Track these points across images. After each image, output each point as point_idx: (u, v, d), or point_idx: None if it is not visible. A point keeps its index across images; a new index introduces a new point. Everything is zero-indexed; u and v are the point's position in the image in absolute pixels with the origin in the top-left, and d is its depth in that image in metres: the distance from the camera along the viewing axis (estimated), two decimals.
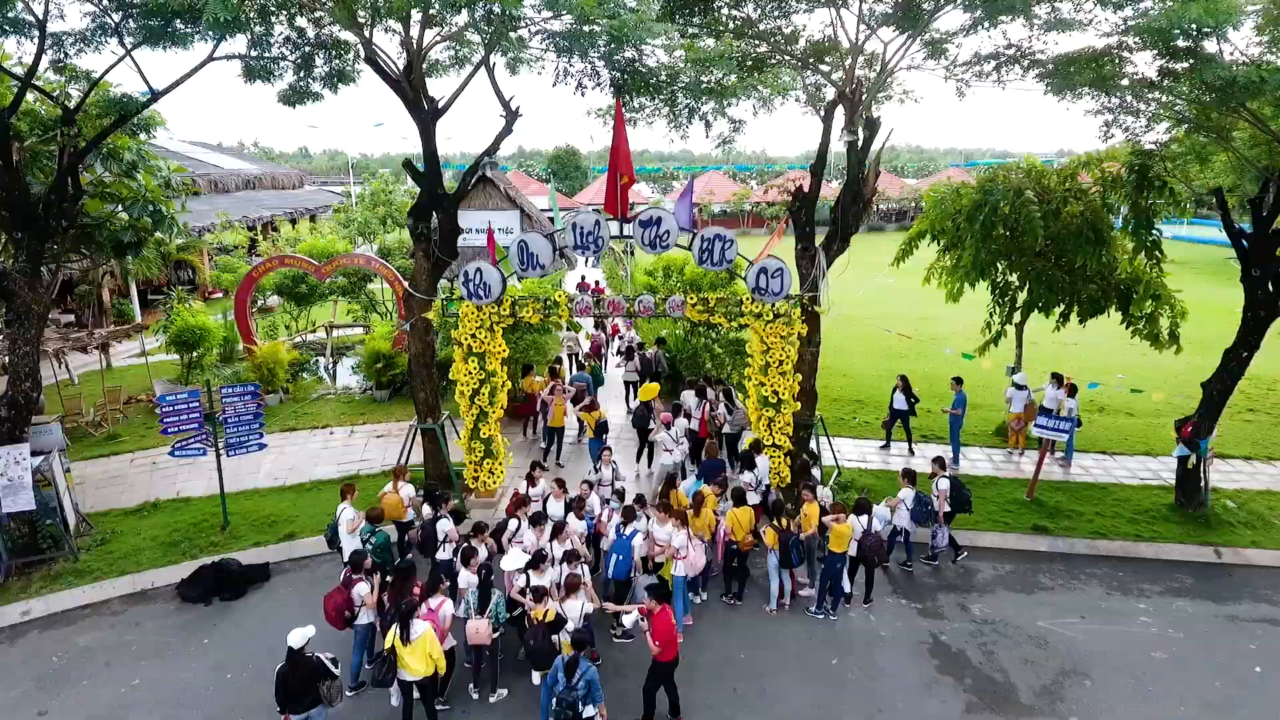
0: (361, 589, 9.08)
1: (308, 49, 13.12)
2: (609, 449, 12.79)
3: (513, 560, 9.58)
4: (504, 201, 25.84)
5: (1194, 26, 9.51)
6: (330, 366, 24.37)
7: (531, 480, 11.62)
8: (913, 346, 23.92)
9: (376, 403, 18.99)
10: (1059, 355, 22.01)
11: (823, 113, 12.78)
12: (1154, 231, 13.64)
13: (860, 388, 20.32)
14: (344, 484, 11.15)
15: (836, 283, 13.33)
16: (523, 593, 9.19)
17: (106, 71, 12.88)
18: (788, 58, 14.12)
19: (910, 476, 11.88)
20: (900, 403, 15.82)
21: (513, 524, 10.42)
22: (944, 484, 11.92)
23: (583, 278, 24.78)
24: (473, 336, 12.71)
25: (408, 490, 11.57)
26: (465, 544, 9.69)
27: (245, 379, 19.26)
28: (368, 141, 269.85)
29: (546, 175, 78.31)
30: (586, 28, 8.08)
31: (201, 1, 8.74)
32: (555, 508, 10.90)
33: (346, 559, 9.53)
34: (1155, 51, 10.65)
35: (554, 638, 8.57)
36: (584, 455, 15.48)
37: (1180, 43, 10.30)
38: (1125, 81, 11.20)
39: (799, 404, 13.06)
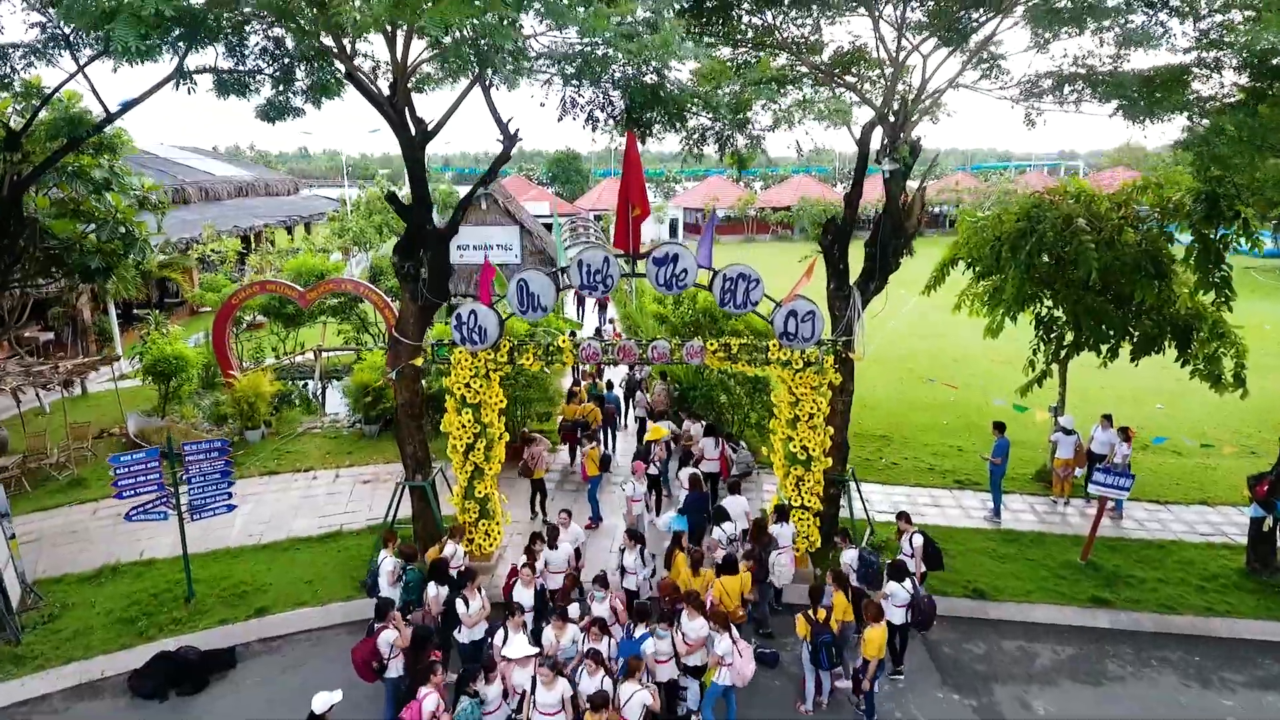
0: (389, 636, 8.49)
1: (286, 60, 11.77)
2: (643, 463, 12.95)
3: (516, 647, 8.26)
4: (502, 216, 24.58)
5: None
6: (319, 392, 23.10)
7: (531, 556, 10.26)
8: (948, 375, 22.60)
9: (365, 438, 17.66)
10: (1086, 384, 20.64)
11: (858, 134, 11.41)
12: (1223, 267, 12.30)
13: (886, 420, 18.97)
14: (385, 531, 10.85)
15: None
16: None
17: (56, 89, 11.56)
18: (815, 71, 12.78)
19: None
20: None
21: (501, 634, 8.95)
22: (918, 540, 10.61)
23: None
24: (466, 386, 11.37)
25: (389, 565, 10.20)
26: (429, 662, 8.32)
27: (224, 412, 17.96)
28: (367, 142, 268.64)
29: (547, 179, 76.94)
30: (599, 50, 6.73)
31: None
32: (524, 595, 9.47)
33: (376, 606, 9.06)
34: (1247, 71, 9.29)
35: None
36: (580, 497, 14.11)
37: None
38: (1210, 104, 9.83)
39: (830, 460, 11.72)
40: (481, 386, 11.44)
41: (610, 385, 17.74)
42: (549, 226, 47.65)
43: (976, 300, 15.66)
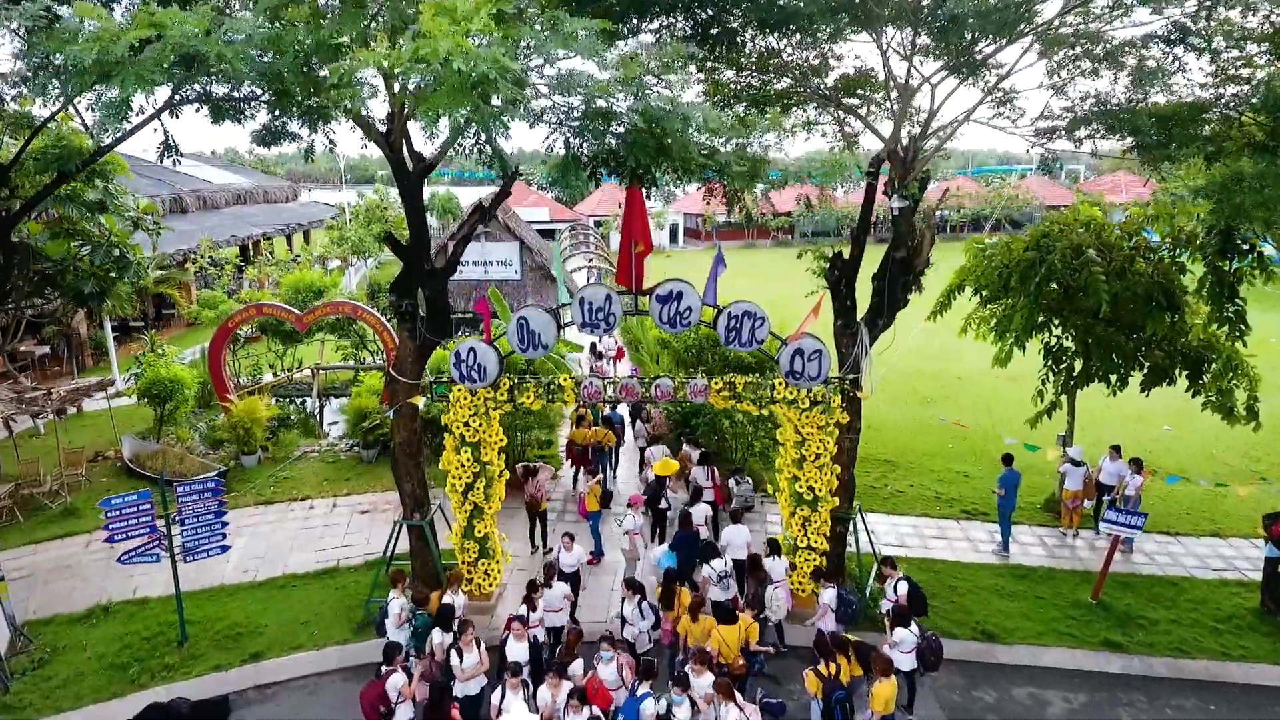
0: (397, 680, 8.48)
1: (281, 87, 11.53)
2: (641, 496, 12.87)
3: (515, 714, 8.05)
4: (502, 232, 24.33)
5: None
6: (316, 411, 22.86)
7: (531, 604, 10.02)
8: (952, 395, 22.38)
9: (363, 463, 17.40)
10: (1092, 404, 20.38)
11: (868, 166, 11.17)
12: (1237, 301, 12.05)
13: (891, 444, 18.71)
14: (394, 571, 10.67)
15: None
16: None
17: (47, 120, 11.29)
18: (820, 96, 12.53)
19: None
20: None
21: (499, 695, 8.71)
22: (904, 587, 10.40)
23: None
24: (465, 424, 11.13)
25: (395, 606, 10.00)
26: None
27: (220, 437, 17.71)
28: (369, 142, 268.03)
29: (546, 183, 76.55)
30: (606, 106, 6.44)
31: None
32: (518, 650, 9.21)
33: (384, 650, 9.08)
34: (1265, 111, 9.03)
35: None
36: (584, 527, 13.84)
37: None
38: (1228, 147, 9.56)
39: (836, 499, 11.48)
40: (481, 425, 11.20)
41: (615, 402, 17.50)
42: (549, 233, 47.49)
43: (983, 324, 15.46)
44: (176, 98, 10.32)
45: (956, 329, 15.78)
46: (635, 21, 11.60)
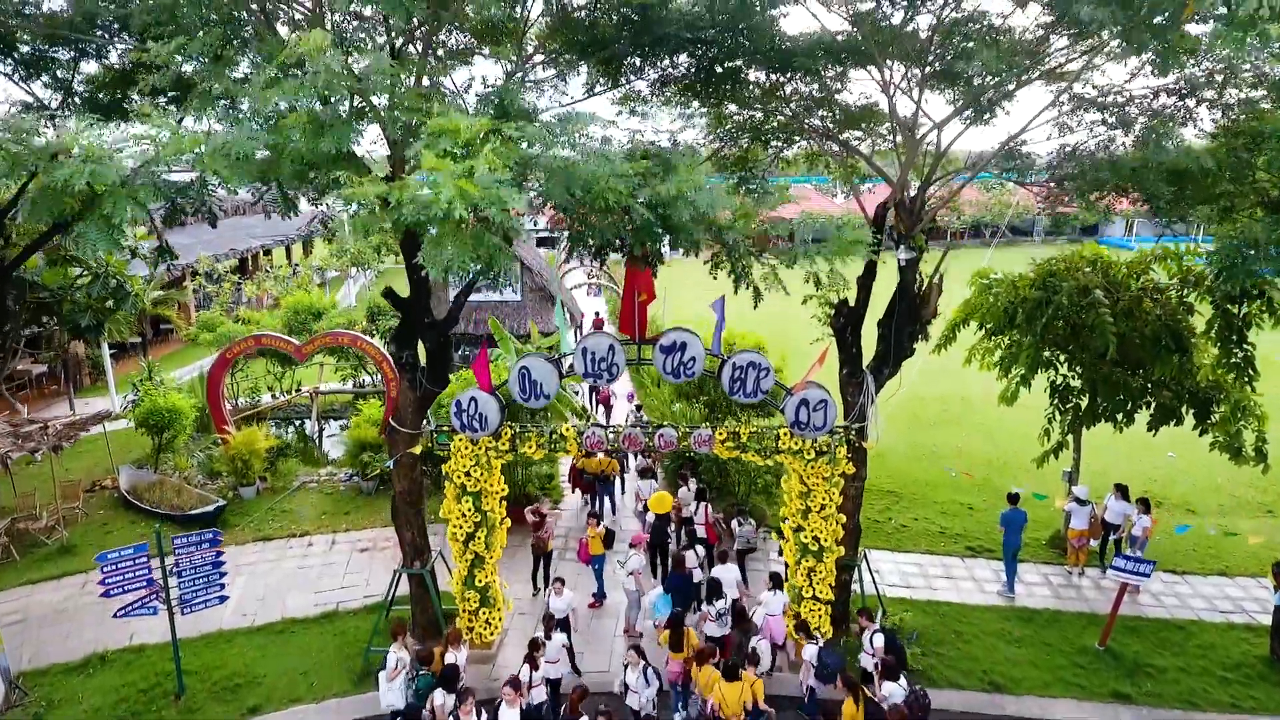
0: None
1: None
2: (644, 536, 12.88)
3: None
4: None
5: None
6: (316, 434, 22.75)
7: (533, 663, 9.88)
8: (954, 419, 22.25)
9: (362, 495, 17.26)
10: (1096, 431, 20.28)
11: (873, 214, 11.04)
12: (1245, 346, 11.93)
13: (894, 472, 18.58)
14: (395, 623, 10.43)
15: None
16: None
17: (44, 162, 11.16)
18: (824, 132, 12.41)
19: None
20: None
21: None
22: (879, 640, 10.22)
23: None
24: (466, 474, 10.99)
25: (392, 660, 9.85)
26: None
27: (218, 469, 17.57)
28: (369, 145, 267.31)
29: None
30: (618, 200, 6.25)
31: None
32: (509, 717, 8.95)
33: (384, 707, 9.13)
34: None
35: None
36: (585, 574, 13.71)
37: None
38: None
39: (842, 548, 11.35)
40: (481, 475, 11.06)
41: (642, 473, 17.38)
42: (548, 241, 47.24)
43: (987, 355, 15.35)
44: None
45: (960, 357, 15.62)
46: (638, 61, 11.49)
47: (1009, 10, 10.13)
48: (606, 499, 16.42)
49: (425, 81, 7.87)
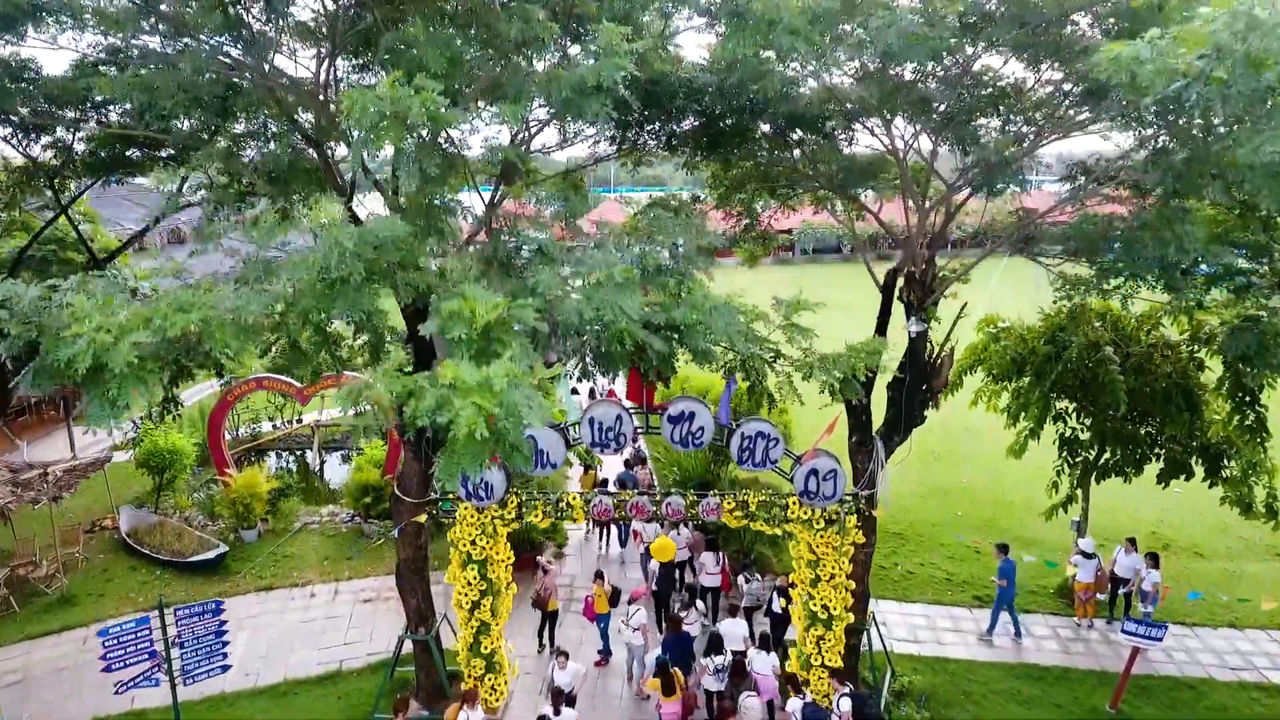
0: None
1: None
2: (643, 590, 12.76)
3: None
4: None
5: None
6: (318, 466, 22.64)
7: None
8: (959, 450, 22.10)
9: (364, 538, 17.13)
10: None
11: (883, 281, 10.93)
12: (1258, 408, 11.83)
13: (898, 510, 18.37)
14: (398, 699, 10.26)
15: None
16: None
17: (45, 227, 11.04)
18: (831, 189, 12.30)
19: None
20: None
21: None
22: (845, 705, 10.06)
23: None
24: (472, 543, 10.87)
25: None
26: None
27: (219, 512, 17.43)
28: None
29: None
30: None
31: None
32: None
33: None
34: None
35: None
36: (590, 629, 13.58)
37: None
38: None
39: (852, 615, 11.24)
40: (487, 544, 10.94)
41: (628, 463, 17.32)
42: None
43: (994, 397, 15.28)
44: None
45: (965, 389, 15.47)
46: (644, 117, 11.37)
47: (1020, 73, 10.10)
48: (617, 532, 16.45)
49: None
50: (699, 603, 13.18)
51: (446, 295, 5.54)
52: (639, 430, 10.69)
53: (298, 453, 23.54)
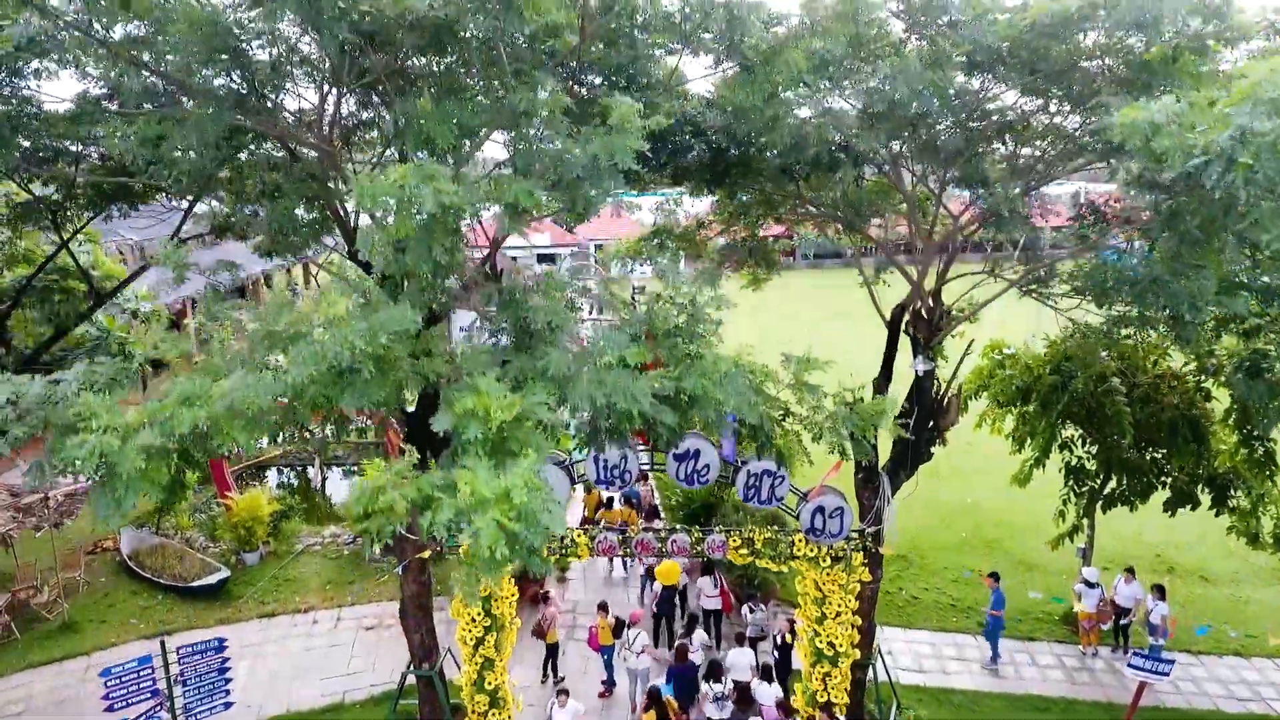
0: None
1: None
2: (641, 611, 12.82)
3: None
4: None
5: None
6: (319, 483, 22.60)
7: None
8: (960, 464, 22.01)
9: (367, 561, 17.06)
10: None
11: (887, 316, 10.87)
12: (1266, 442, 11.77)
13: (903, 532, 18.19)
14: None
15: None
16: None
17: (46, 262, 10.98)
18: (836, 219, 12.22)
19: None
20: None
21: None
22: None
23: None
24: (476, 580, 10.79)
25: None
26: None
27: (221, 536, 17.36)
28: None
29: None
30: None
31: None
32: None
33: None
34: None
35: None
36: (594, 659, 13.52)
37: None
38: None
39: (858, 652, 11.19)
40: (491, 580, 10.87)
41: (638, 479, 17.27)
42: (550, 258, 47.01)
43: (997, 421, 15.24)
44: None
45: (970, 418, 15.40)
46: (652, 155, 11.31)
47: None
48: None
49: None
50: (701, 632, 13.08)
51: (458, 388, 5.49)
52: (645, 468, 10.63)
53: (299, 468, 23.48)
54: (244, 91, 7.23)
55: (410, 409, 9.01)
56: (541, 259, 46.66)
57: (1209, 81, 6.86)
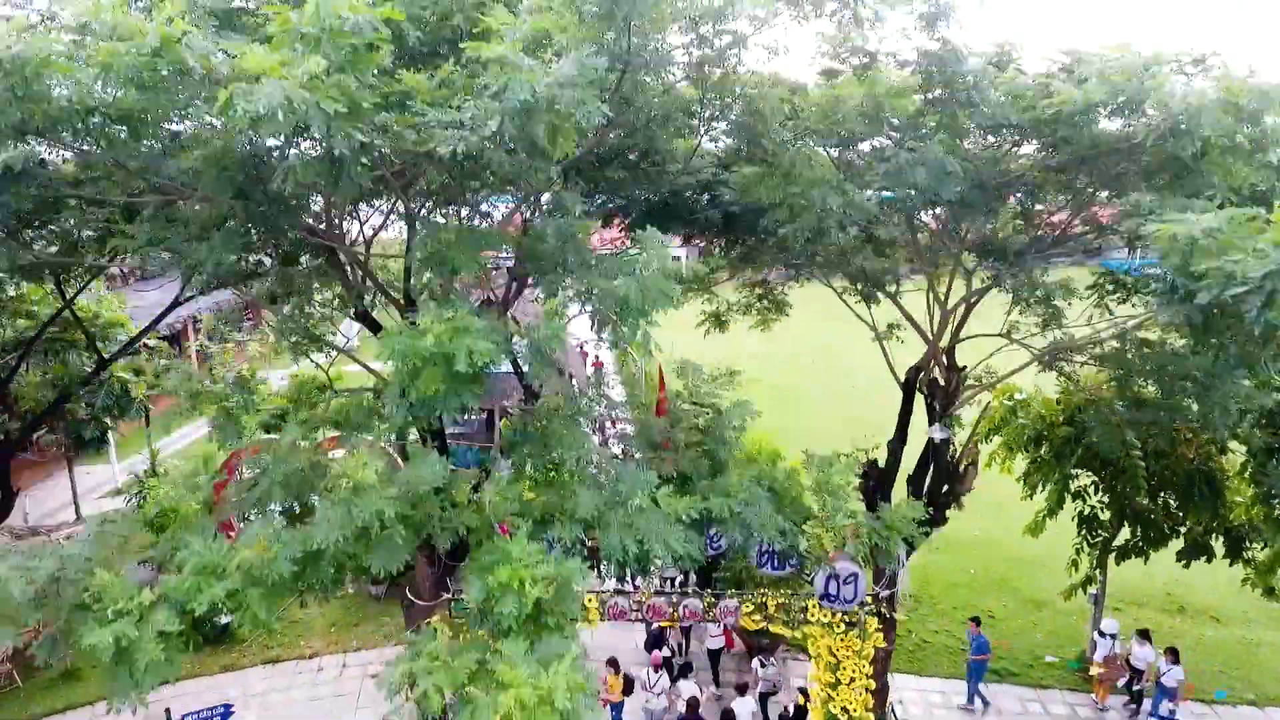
0: None
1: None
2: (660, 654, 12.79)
3: None
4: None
5: None
6: None
7: None
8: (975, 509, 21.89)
9: (371, 598, 16.93)
10: None
11: (902, 377, 10.73)
12: None
13: (912, 569, 18.20)
14: None
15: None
16: None
17: (49, 323, 10.82)
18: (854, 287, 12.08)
19: None
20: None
21: None
22: None
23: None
24: None
25: None
26: None
27: None
28: None
29: None
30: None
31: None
32: None
33: None
34: None
35: None
36: None
37: None
38: None
39: (872, 715, 11.06)
40: None
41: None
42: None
43: (1007, 460, 15.10)
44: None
45: (983, 464, 15.26)
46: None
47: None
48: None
49: None
50: (685, 683, 12.87)
51: (489, 550, 5.35)
52: None
53: None
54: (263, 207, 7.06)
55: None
56: None
57: (1238, 170, 6.71)
